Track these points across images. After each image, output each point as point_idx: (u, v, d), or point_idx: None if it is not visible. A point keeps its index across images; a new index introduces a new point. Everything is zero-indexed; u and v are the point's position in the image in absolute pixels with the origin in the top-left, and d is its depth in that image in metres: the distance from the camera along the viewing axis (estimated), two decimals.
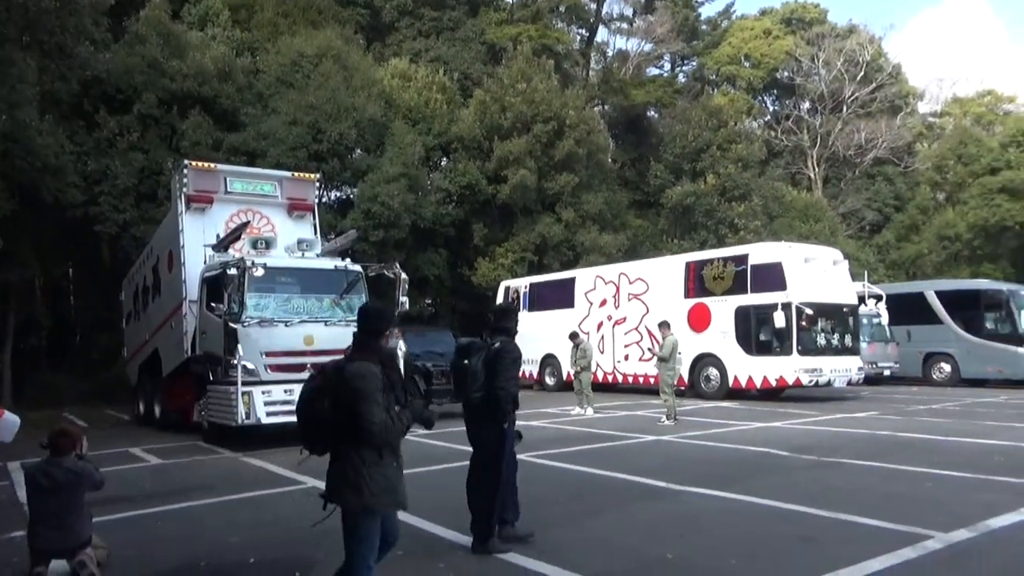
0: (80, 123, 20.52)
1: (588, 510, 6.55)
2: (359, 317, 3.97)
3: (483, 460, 5.71)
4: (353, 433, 3.59)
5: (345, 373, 3.62)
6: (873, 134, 38.20)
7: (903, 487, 7.17)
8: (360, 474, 3.62)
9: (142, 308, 15.60)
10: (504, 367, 5.47)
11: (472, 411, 5.58)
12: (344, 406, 3.58)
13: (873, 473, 7.93)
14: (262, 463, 9.57)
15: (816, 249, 17.91)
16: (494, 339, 5.66)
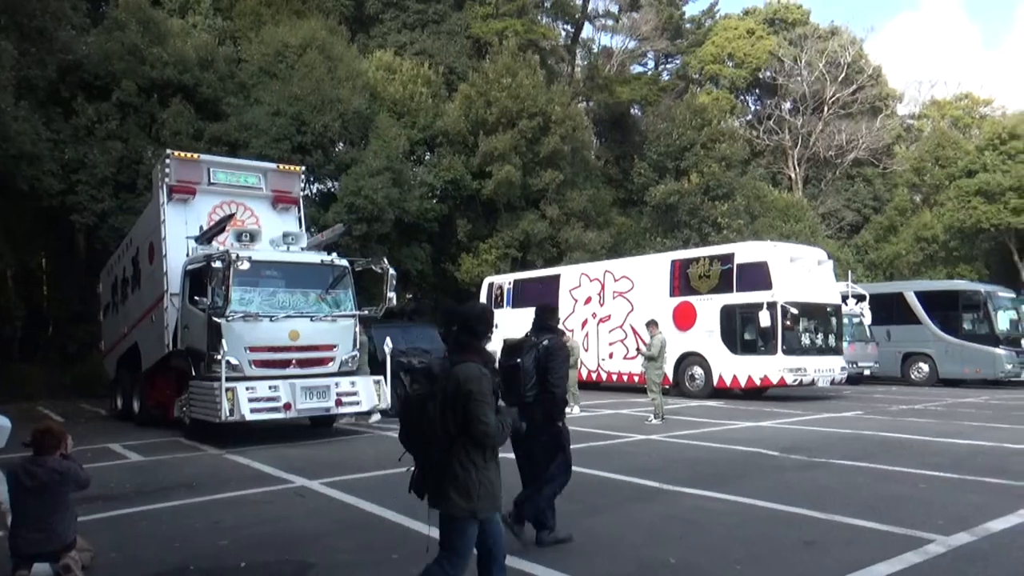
0: (57, 110, 20.05)
1: (584, 511, 6.46)
2: (460, 317, 3.90)
3: (543, 459, 5.58)
4: (463, 436, 3.53)
5: (457, 375, 3.55)
6: (853, 135, 38.57)
7: (896, 488, 7.17)
8: (471, 478, 3.57)
9: (121, 300, 15.27)
10: (558, 364, 5.46)
11: (525, 412, 5.28)
12: (454, 409, 3.51)
13: (864, 474, 7.93)
14: (247, 460, 9.39)
15: (801, 249, 17.99)
16: (541, 337, 5.56)
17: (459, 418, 3.52)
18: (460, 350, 3.74)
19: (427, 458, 3.67)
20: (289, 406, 10.65)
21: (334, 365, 11.44)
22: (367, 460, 9.29)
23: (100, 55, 20.23)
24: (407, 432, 3.71)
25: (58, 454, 4.93)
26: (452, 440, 3.57)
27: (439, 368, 3.65)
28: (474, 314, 3.94)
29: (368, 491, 7.34)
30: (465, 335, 3.80)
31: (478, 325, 3.85)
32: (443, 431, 3.55)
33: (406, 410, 3.70)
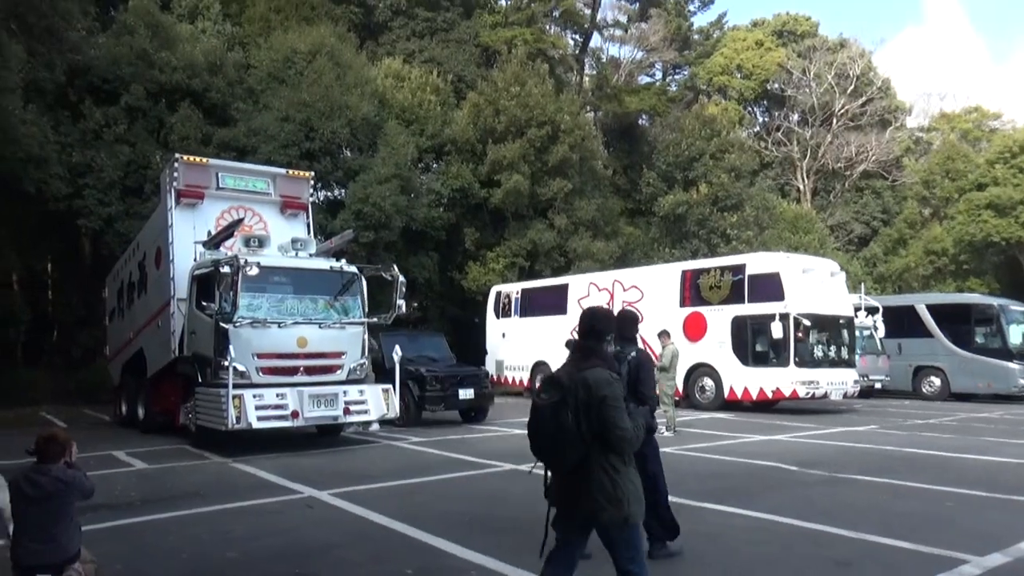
0: (65, 113, 19.99)
1: None
2: (583, 321, 3.75)
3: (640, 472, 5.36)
4: (598, 443, 3.43)
5: (589, 381, 3.43)
6: (862, 147, 38.41)
7: (921, 506, 6.97)
8: (617, 485, 3.45)
9: (127, 305, 15.13)
10: (648, 375, 5.44)
11: None
12: (588, 416, 3.40)
13: (887, 490, 7.72)
14: (254, 469, 9.20)
15: (814, 260, 17.82)
16: (626, 348, 5.44)
17: (593, 425, 3.40)
18: (585, 355, 3.61)
19: (564, 468, 3.52)
20: (296, 414, 10.48)
21: (342, 373, 11.28)
22: (376, 470, 9.10)
23: (109, 59, 20.19)
24: (540, 442, 3.56)
25: (62, 462, 4.74)
26: (588, 447, 3.45)
27: (566, 376, 3.50)
28: (598, 317, 3.80)
29: (378, 502, 7.15)
30: (590, 339, 3.68)
31: (604, 328, 3.75)
32: (580, 439, 3.42)
33: (537, 420, 3.54)
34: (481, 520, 6.56)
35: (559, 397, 3.44)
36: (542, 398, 3.50)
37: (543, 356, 21.08)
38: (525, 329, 21.84)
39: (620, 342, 5.43)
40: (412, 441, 11.88)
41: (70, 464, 4.84)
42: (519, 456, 10.02)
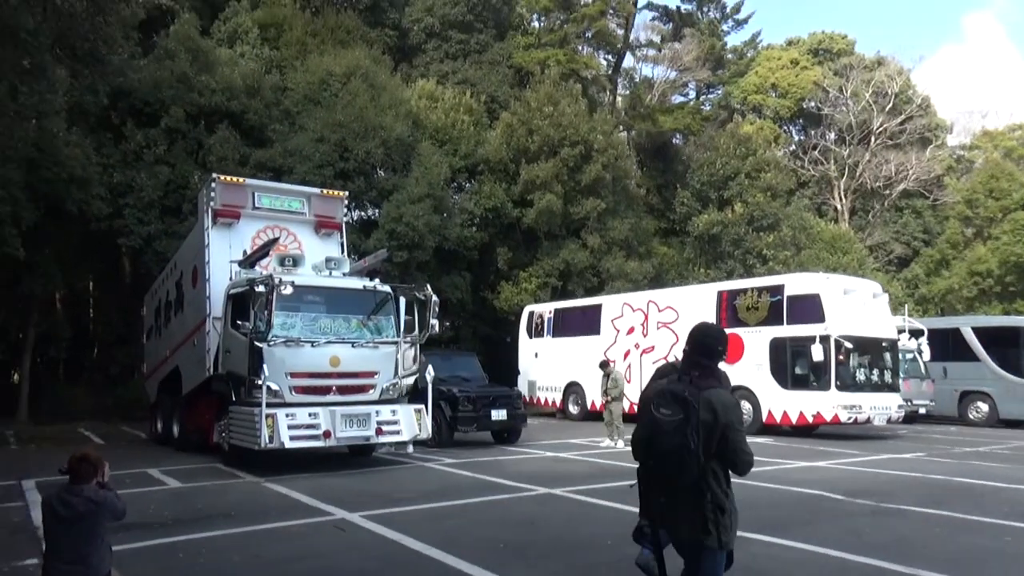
0: (107, 135, 20.44)
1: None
2: (694, 337, 3.63)
3: None
4: (712, 465, 3.39)
5: (714, 404, 3.36)
6: (902, 166, 37.65)
7: (980, 540, 6.62)
8: (726, 510, 3.42)
9: (164, 324, 15.29)
10: None
11: None
12: (709, 437, 3.34)
13: (942, 523, 7.36)
14: (286, 489, 9.13)
15: (855, 281, 17.40)
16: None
17: (713, 447, 3.35)
18: (704, 374, 3.50)
19: (678, 487, 3.44)
20: (329, 434, 10.41)
21: (375, 392, 11.20)
22: (408, 492, 8.97)
23: (150, 82, 20.63)
24: (656, 458, 3.47)
25: (94, 482, 4.70)
26: (703, 469, 3.39)
27: (689, 393, 3.38)
28: (710, 334, 3.69)
29: (411, 526, 7.01)
30: (705, 357, 3.55)
31: (718, 346, 3.63)
32: (698, 460, 3.35)
33: (658, 435, 3.43)
34: (517, 546, 6.37)
35: (683, 415, 3.34)
36: (663, 413, 3.41)
37: (576, 376, 20.89)
38: (558, 349, 21.64)
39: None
40: (444, 462, 11.74)
41: (102, 484, 4.78)
42: (553, 479, 9.84)
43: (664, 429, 3.38)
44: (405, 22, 31.70)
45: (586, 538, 6.67)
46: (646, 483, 3.64)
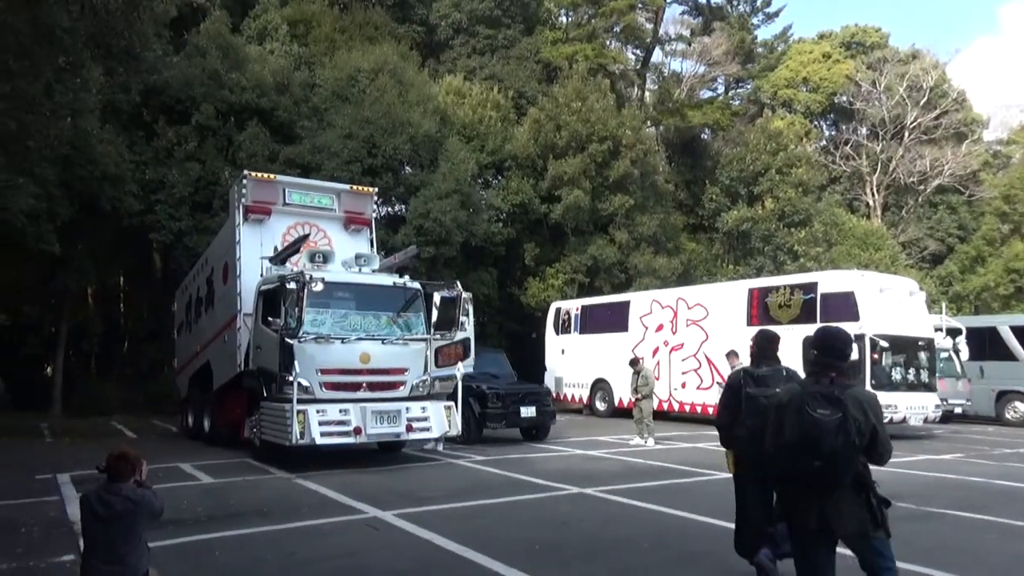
0: (139, 133, 20.69)
1: (679, 558, 5.94)
2: (822, 339, 3.85)
3: None
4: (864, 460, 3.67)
5: (863, 402, 3.62)
6: (936, 161, 36.86)
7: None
8: (880, 500, 3.71)
9: (194, 319, 15.40)
10: None
11: None
12: (862, 434, 3.58)
13: (988, 528, 7.15)
14: (316, 486, 9.13)
15: (891, 279, 17.05)
16: (775, 366, 5.42)
17: (865, 443, 3.59)
18: (839, 375, 3.71)
19: (838, 484, 3.63)
20: (359, 431, 10.40)
21: (405, 389, 11.17)
22: (439, 490, 8.92)
23: (182, 80, 20.83)
24: (818, 458, 3.57)
25: (132, 480, 4.69)
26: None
27: (839, 393, 3.58)
28: (842, 338, 3.92)
29: (443, 524, 6.95)
30: (838, 360, 3.78)
31: (847, 349, 3.88)
32: (857, 456, 3.61)
33: (821, 436, 3.54)
34: (551, 547, 6.28)
35: (841, 414, 3.51)
36: (822, 414, 3.53)
37: (603, 373, 20.75)
38: (585, 346, 21.51)
39: (763, 360, 5.35)
40: (474, 460, 11.68)
41: (140, 483, 4.76)
42: (585, 478, 9.73)
43: (826, 429, 3.51)
44: (432, 18, 31.67)
45: (622, 539, 6.55)
46: (797, 485, 3.72)
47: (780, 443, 3.69)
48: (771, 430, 3.79)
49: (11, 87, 11.01)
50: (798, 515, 3.73)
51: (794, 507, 3.75)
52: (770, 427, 3.80)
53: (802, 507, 3.69)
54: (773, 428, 3.77)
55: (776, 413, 3.78)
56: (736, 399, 5.22)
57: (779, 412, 3.76)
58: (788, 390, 3.82)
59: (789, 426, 3.64)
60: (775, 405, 3.84)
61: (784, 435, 3.67)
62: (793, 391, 3.76)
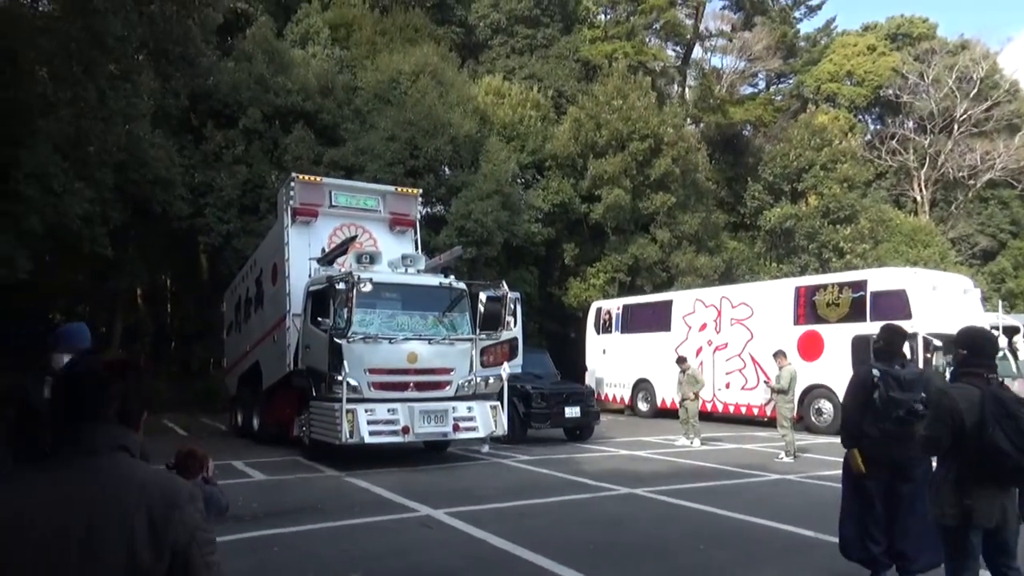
0: (188, 137, 21.15)
1: (739, 561, 5.88)
2: (979, 343, 4.07)
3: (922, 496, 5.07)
4: None
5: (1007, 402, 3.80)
6: (988, 154, 35.84)
7: None
8: None
9: (244, 319, 15.70)
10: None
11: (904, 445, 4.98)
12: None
13: None
14: (367, 484, 9.24)
15: (944, 276, 16.68)
16: (908, 365, 5.27)
17: None
18: (993, 376, 3.93)
19: None
20: (407, 430, 10.50)
21: (451, 389, 11.25)
22: (488, 489, 8.97)
23: (229, 84, 21.26)
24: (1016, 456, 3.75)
25: (200, 477, 4.80)
26: None
27: (1007, 397, 3.84)
28: (991, 338, 4.17)
29: (495, 523, 6.99)
30: (991, 359, 4.01)
31: (996, 349, 4.13)
32: None
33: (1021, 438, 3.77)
34: (606, 547, 6.28)
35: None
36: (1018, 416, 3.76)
37: (645, 373, 20.61)
38: (626, 346, 21.39)
39: (894, 358, 5.16)
40: (519, 459, 11.71)
41: (207, 480, 4.88)
42: (633, 478, 9.70)
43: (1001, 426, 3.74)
44: (471, 19, 31.79)
45: (676, 540, 6.52)
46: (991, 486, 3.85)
47: (995, 446, 3.74)
48: (973, 432, 3.81)
49: (72, 94, 11.35)
50: (984, 514, 3.85)
51: (984, 506, 3.85)
52: (971, 428, 3.81)
53: (989, 506, 3.84)
54: (978, 429, 3.80)
55: (980, 417, 3.80)
56: (868, 398, 5.01)
57: (982, 416, 3.79)
58: (968, 395, 3.84)
59: (1003, 432, 3.73)
60: (975, 409, 3.83)
61: (997, 440, 3.72)
62: (984, 395, 3.82)
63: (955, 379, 4.13)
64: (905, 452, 4.91)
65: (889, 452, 4.94)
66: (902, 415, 4.82)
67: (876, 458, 4.99)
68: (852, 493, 5.21)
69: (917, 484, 4.96)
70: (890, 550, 5.05)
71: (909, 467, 4.97)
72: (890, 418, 4.88)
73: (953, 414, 3.84)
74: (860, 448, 5.05)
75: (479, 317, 11.50)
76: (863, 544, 5.08)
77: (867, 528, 5.06)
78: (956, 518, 3.86)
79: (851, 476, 5.20)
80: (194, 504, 1.77)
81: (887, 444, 4.93)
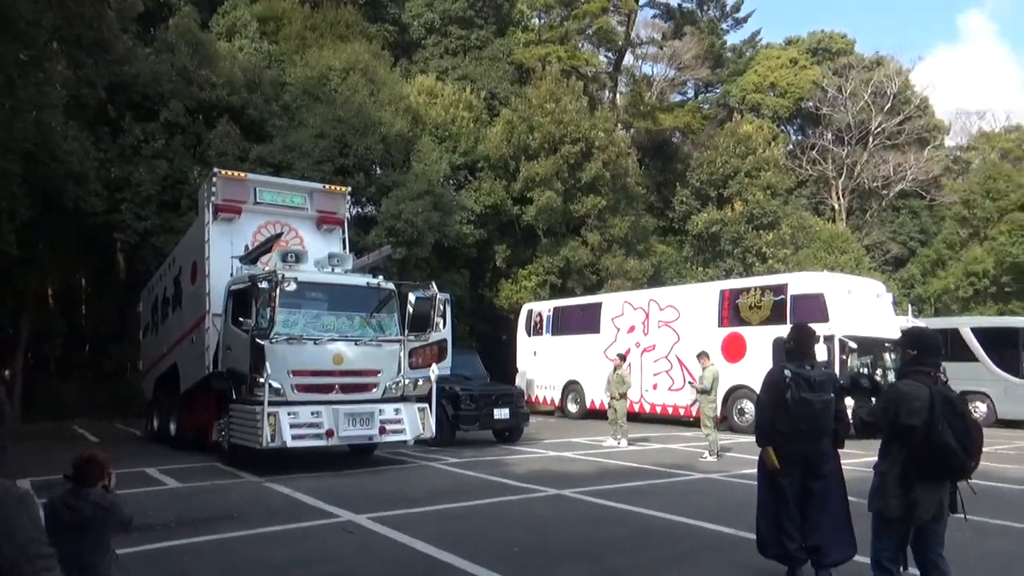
0: (105, 129, 20.20)
1: (664, 560, 5.92)
2: (927, 343, 4.28)
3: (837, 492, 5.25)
4: None
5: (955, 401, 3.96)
6: (899, 166, 37.63)
7: (1005, 545, 6.52)
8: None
9: (161, 320, 15.09)
10: (838, 391, 5.36)
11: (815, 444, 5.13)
12: None
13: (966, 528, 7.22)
14: (288, 490, 8.96)
15: (859, 281, 17.33)
16: (816, 364, 5.35)
17: None
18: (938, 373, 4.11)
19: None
20: (331, 433, 10.25)
21: (378, 391, 11.04)
22: (414, 492, 8.82)
23: (150, 75, 20.40)
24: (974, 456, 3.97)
25: (100, 486, 4.51)
26: None
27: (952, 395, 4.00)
28: (937, 337, 4.41)
29: (419, 528, 6.86)
30: (938, 358, 4.21)
31: (937, 347, 4.29)
32: None
33: (980, 436, 3.97)
34: (532, 550, 6.23)
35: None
36: (974, 417, 4.05)
37: (575, 375, 20.77)
38: (557, 348, 21.51)
39: (804, 358, 5.24)
40: (448, 462, 11.59)
41: (108, 488, 4.59)
42: (561, 480, 9.70)
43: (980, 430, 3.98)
44: (405, 17, 31.51)
45: (602, 541, 6.52)
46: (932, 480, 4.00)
47: (942, 443, 3.86)
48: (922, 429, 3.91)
49: None
50: (924, 507, 3.99)
51: (925, 499, 3.98)
52: (921, 427, 3.91)
53: (929, 499, 4.00)
54: (927, 426, 3.89)
55: (929, 415, 3.90)
56: (780, 398, 5.09)
57: (932, 414, 3.90)
58: (918, 393, 3.95)
59: (951, 429, 3.86)
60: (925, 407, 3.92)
61: (945, 437, 3.85)
62: (933, 393, 3.93)
63: (903, 377, 4.26)
64: (817, 449, 5.07)
65: (801, 450, 5.08)
66: (845, 385, 5.18)
67: (789, 456, 5.11)
68: (767, 491, 5.33)
69: (827, 480, 5.11)
70: (805, 545, 5.18)
71: (819, 464, 5.12)
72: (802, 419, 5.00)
73: (899, 408, 3.98)
74: (774, 446, 5.16)
75: (408, 318, 11.31)
76: (779, 541, 5.19)
77: (782, 525, 5.17)
78: (899, 510, 3.99)
79: (766, 474, 5.31)
80: (27, 512, 1.58)
81: (800, 442, 5.06)
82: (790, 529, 5.15)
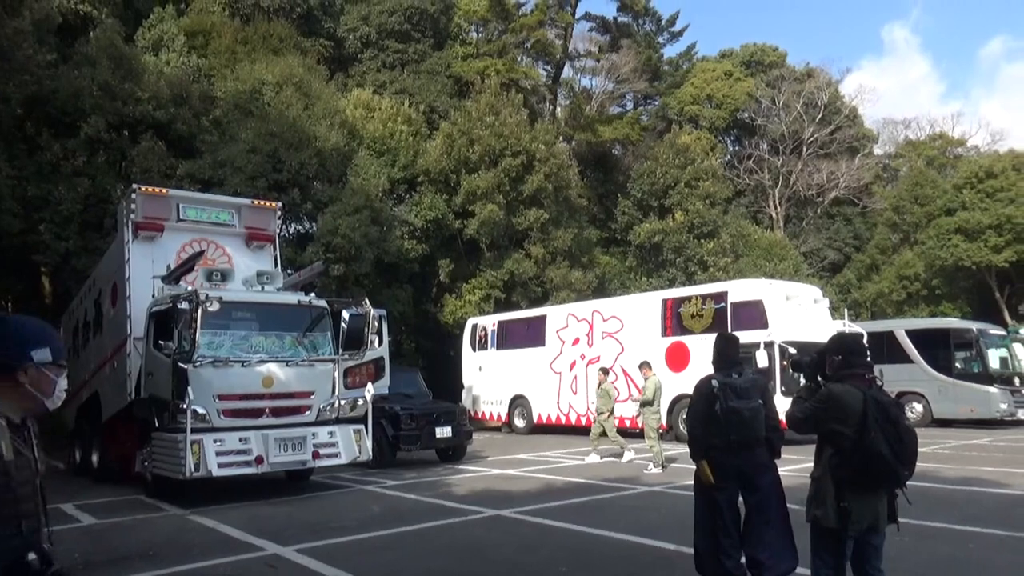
0: (21, 146, 19.20)
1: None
2: (853, 347, 4.14)
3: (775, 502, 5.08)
4: None
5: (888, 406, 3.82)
6: (832, 174, 38.75)
7: (943, 548, 6.48)
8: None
9: (82, 345, 14.28)
10: (770, 396, 5.28)
11: (749, 454, 4.97)
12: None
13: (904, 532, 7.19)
14: (213, 522, 8.44)
15: (796, 287, 17.53)
16: (743, 372, 5.22)
17: None
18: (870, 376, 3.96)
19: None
20: (261, 460, 9.75)
21: (311, 414, 10.57)
22: (347, 520, 8.41)
23: (69, 90, 19.48)
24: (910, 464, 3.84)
25: None
26: None
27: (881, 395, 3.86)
28: (861, 340, 4.32)
29: (349, 559, 6.49)
30: (867, 360, 4.09)
31: (862, 349, 4.16)
32: None
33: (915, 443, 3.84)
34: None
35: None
36: (907, 423, 3.83)
37: (521, 390, 20.54)
38: (502, 362, 21.25)
39: (729, 366, 5.16)
40: (385, 485, 11.19)
41: None
42: (502, 499, 9.42)
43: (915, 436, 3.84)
44: (340, 31, 31.07)
45: (538, 564, 6.26)
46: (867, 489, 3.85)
47: (875, 451, 3.70)
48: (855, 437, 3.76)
49: None
50: (858, 516, 3.85)
51: (859, 509, 3.85)
52: (851, 435, 3.76)
53: (864, 509, 3.85)
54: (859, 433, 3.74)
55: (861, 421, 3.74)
56: (710, 409, 4.99)
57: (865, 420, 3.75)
58: (853, 398, 3.77)
59: (883, 436, 3.70)
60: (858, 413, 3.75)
61: (877, 445, 3.69)
62: (866, 398, 3.76)
63: (838, 382, 4.07)
64: (752, 461, 4.92)
65: (736, 462, 4.93)
66: (790, 363, 5.28)
67: (723, 468, 4.95)
68: (703, 507, 5.16)
69: (764, 493, 4.96)
70: (747, 560, 5.01)
71: (755, 476, 4.97)
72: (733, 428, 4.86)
73: (828, 411, 3.86)
74: (708, 459, 5.00)
75: (342, 336, 10.90)
76: (716, 559, 5.01)
77: (720, 542, 5.00)
78: (834, 520, 3.83)
79: (702, 490, 5.14)
80: None
81: (733, 454, 4.91)
82: (727, 546, 4.98)
